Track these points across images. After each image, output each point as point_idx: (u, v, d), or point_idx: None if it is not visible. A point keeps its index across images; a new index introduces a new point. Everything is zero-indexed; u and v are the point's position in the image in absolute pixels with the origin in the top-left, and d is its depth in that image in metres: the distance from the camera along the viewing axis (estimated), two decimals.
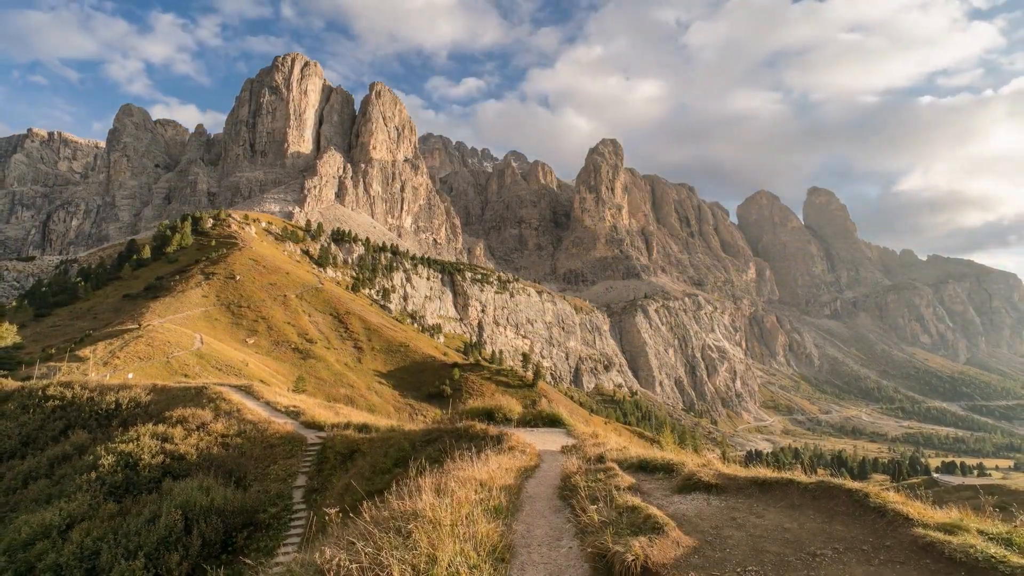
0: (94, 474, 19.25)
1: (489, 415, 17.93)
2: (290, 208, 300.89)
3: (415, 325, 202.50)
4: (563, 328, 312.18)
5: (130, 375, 53.58)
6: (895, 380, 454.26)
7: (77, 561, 14.02)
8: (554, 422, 18.01)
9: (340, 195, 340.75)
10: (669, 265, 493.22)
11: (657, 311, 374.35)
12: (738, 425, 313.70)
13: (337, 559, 5.30)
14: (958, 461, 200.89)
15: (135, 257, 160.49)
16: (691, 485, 8.79)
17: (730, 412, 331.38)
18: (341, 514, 8.11)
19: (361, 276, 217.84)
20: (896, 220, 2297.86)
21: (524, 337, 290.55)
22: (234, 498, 16.23)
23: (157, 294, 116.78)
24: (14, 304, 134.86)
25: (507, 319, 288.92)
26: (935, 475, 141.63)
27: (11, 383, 38.10)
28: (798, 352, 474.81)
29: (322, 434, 23.26)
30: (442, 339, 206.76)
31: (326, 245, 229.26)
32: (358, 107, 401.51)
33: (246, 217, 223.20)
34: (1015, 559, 5.12)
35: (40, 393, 32.59)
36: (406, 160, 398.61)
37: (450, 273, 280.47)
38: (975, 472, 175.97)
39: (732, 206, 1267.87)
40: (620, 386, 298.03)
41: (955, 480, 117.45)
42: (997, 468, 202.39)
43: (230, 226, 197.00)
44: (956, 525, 6.07)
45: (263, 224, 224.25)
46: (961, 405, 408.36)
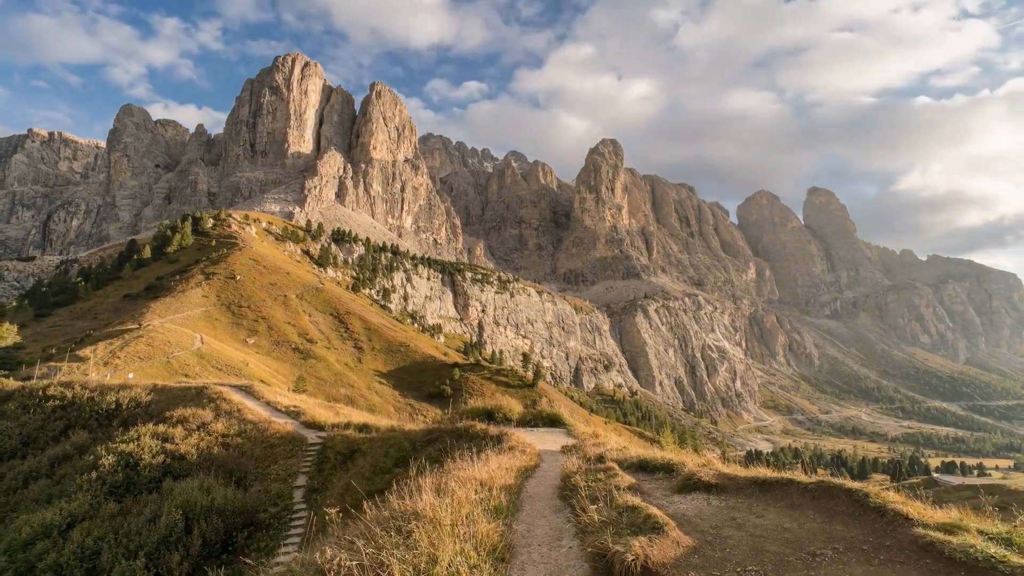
0: (95, 474, 19.26)
1: (489, 415, 17.91)
2: (290, 208, 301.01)
3: (415, 325, 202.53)
4: (563, 328, 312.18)
5: (130, 375, 53.59)
6: (895, 380, 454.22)
7: (78, 561, 14.03)
8: (554, 422, 18.00)
9: (340, 195, 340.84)
10: (669, 265, 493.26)
11: (657, 311, 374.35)
12: (738, 425, 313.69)
13: (338, 559, 5.30)
14: (958, 461, 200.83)
15: (135, 257, 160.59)
16: (691, 485, 8.80)
17: (730, 412, 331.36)
18: (341, 514, 8.11)
19: (361, 276, 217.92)
20: (895, 220, 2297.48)
21: (524, 337, 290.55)
22: (234, 498, 16.24)
23: (157, 294, 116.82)
24: (14, 304, 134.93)
25: (507, 319, 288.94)
26: (935, 475, 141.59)
27: (12, 383, 38.10)
28: (798, 352, 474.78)
29: (322, 434, 23.26)
30: (442, 339, 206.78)
31: (326, 245, 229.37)
32: (358, 107, 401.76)
33: (246, 217, 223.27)
34: (1015, 559, 5.13)
35: (41, 393, 32.58)
36: (406, 160, 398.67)
37: (450, 273, 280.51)
38: (975, 472, 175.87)
39: (732, 206, 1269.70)
40: (620, 386, 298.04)
41: (955, 480, 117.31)
42: (997, 468, 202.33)
43: (230, 226, 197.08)
44: (956, 525, 6.07)
45: (263, 224, 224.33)
46: (961, 405, 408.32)
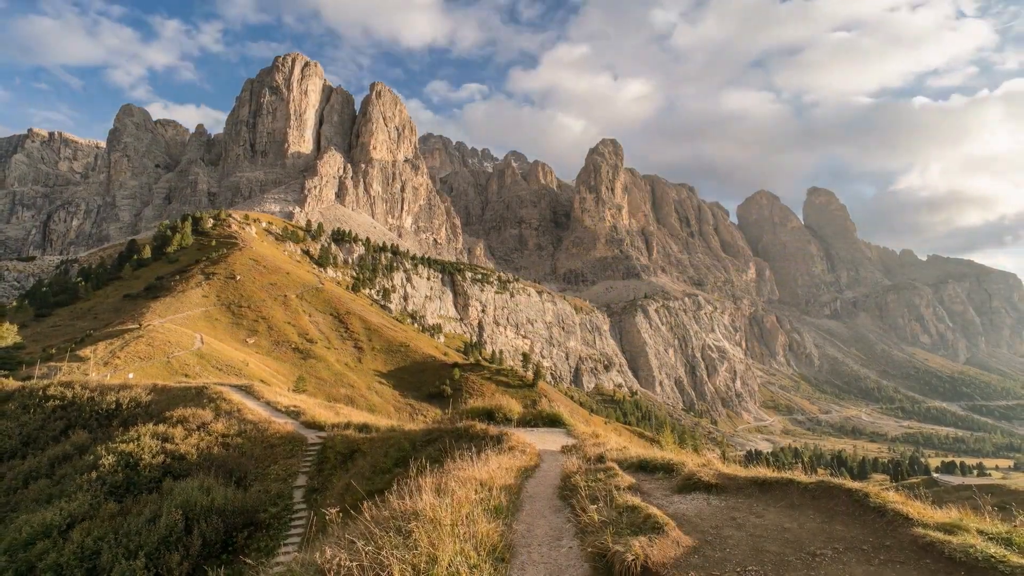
0: (95, 474, 19.25)
1: (489, 415, 17.91)
2: (290, 208, 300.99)
3: (415, 325, 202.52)
4: (563, 328, 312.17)
5: (131, 375, 53.58)
6: (895, 380, 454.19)
7: (78, 561, 14.03)
8: (554, 422, 18.00)
9: (340, 195, 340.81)
10: (669, 265, 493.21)
11: (657, 311, 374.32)
12: (738, 425, 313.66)
13: (338, 559, 5.30)
14: (958, 461, 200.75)
15: (135, 257, 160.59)
16: (691, 485, 8.80)
17: (730, 412, 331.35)
18: (341, 514, 8.10)
19: (361, 276, 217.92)
20: (895, 220, 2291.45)
21: (524, 337, 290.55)
22: (234, 498, 16.24)
23: (157, 294, 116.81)
24: (15, 304, 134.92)
25: (507, 319, 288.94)
26: (935, 475, 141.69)
27: (12, 383, 38.11)
28: (798, 352, 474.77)
29: (322, 434, 23.25)
30: (442, 339, 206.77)
31: (326, 245, 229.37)
32: (358, 107, 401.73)
33: (246, 217, 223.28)
34: (1015, 559, 5.13)
35: (41, 393, 32.58)
36: (406, 160, 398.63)
37: (450, 273, 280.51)
38: (975, 472, 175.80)
39: (732, 206, 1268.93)
40: (620, 386, 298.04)
41: (955, 480, 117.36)
42: (997, 468, 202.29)
43: (230, 226, 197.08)
44: (956, 525, 6.07)
45: (263, 224, 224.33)
46: (961, 405, 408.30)
